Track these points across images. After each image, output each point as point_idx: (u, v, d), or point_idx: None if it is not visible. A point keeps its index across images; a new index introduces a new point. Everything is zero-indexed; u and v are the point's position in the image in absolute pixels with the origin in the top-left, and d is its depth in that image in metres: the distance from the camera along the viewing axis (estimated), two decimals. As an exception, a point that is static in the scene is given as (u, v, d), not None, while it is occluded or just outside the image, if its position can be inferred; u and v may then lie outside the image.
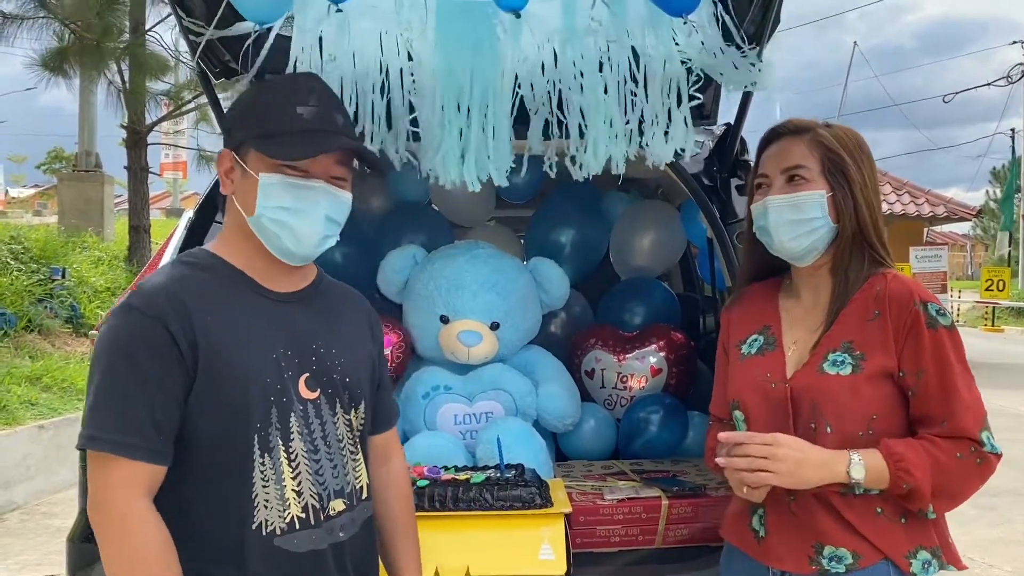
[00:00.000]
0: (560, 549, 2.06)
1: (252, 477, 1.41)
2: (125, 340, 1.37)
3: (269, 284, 1.51)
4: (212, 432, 1.39)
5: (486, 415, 2.66)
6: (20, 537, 4.80)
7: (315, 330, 1.53)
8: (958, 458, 1.52)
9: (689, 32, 2.16)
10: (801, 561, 1.60)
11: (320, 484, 1.48)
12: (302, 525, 1.45)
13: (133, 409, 1.34)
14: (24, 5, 8.98)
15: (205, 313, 1.40)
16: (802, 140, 1.69)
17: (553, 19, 2.22)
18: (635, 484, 2.46)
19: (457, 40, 2.22)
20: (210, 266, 1.49)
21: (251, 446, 1.41)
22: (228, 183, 1.52)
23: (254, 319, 1.46)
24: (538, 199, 3.64)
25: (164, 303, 1.38)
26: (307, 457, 1.46)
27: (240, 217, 1.49)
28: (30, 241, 8.73)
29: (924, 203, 18.71)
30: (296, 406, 1.46)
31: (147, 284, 1.44)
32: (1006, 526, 5.22)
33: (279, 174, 1.46)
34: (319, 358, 1.51)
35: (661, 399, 2.93)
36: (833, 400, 1.58)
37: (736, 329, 1.82)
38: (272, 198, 1.46)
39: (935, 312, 1.57)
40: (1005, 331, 19.08)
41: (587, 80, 2.19)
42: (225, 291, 1.46)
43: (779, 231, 1.67)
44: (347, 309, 1.66)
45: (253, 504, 1.41)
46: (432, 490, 2.13)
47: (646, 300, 3.38)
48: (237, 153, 1.50)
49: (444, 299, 2.73)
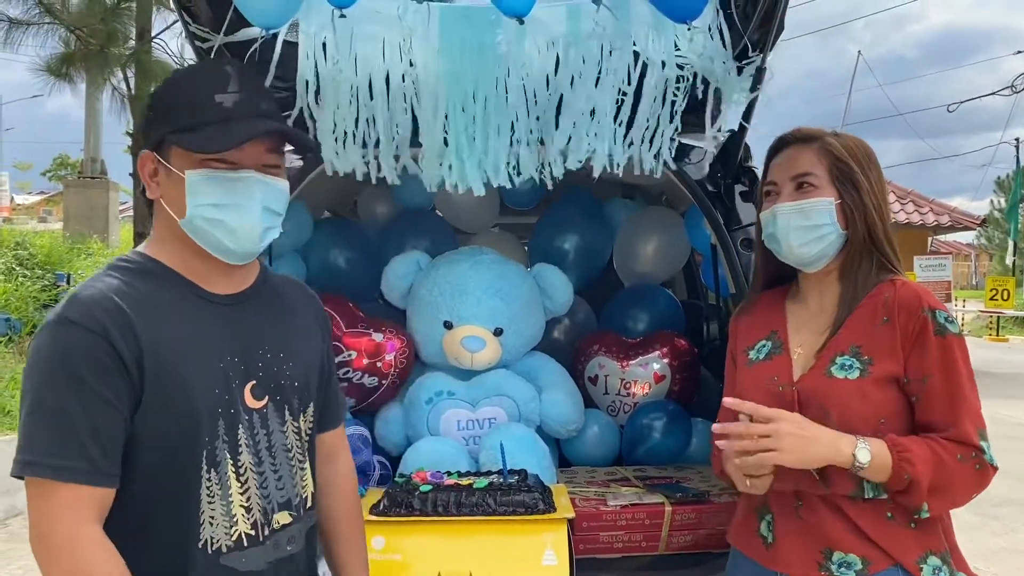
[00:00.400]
0: (563, 555, 2.06)
1: (199, 494, 1.34)
2: (63, 356, 1.26)
3: (210, 286, 1.43)
4: (159, 449, 1.32)
5: (489, 421, 2.66)
6: (23, 542, 4.80)
7: (261, 333, 1.46)
8: (959, 460, 1.53)
9: (691, 38, 2.17)
10: (810, 567, 1.60)
11: (265, 498, 1.42)
12: (250, 542, 1.39)
13: (74, 429, 1.24)
14: (30, 11, 9.03)
15: (149, 323, 1.31)
16: (810, 148, 1.70)
17: (557, 24, 2.24)
18: (638, 490, 2.46)
19: (460, 45, 2.23)
20: (148, 271, 1.40)
21: (199, 461, 1.34)
22: (154, 187, 1.42)
23: (199, 326, 1.38)
24: (542, 206, 3.64)
25: (104, 315, 1.28)
26: (255, 470, 1.40)
27: (171, 220, 1.40)
28: (35, 247, 8.77)
29: (928, 212, 18.70)
30: (243, 417, 1.39)
31: (83, 294, 1.32)
32: (1010, 535, 5.21)
33: (206, 169, 1.37)
34: (265, 364, 1.44)
35: (664, 406, 2.92)
36: (840, 403, 1.58)
37: (744, 337, 1.83)
38: (202, 196, 1.37)
39: (943, 319, 1.58)
40: (1010, 341, 19.04)
41: (585, 82, 2.20)
42: (166, 298, 1.37)
43: (788, 238, 1.69)
44: (294, 306, 1.58)
45: (199, 521, 1.34)
46: (435, 495, 2.13)
47: (650, 307, 3.37)
48: (158, 153, 1.40)
49: (448, 305, 2.73)
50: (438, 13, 2.22)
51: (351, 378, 2.72)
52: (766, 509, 1.68)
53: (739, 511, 1.81)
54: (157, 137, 1.40)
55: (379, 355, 2.73)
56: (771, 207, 1.72)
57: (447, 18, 2.24)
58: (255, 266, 1.54)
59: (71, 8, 9.29)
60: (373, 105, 2.26)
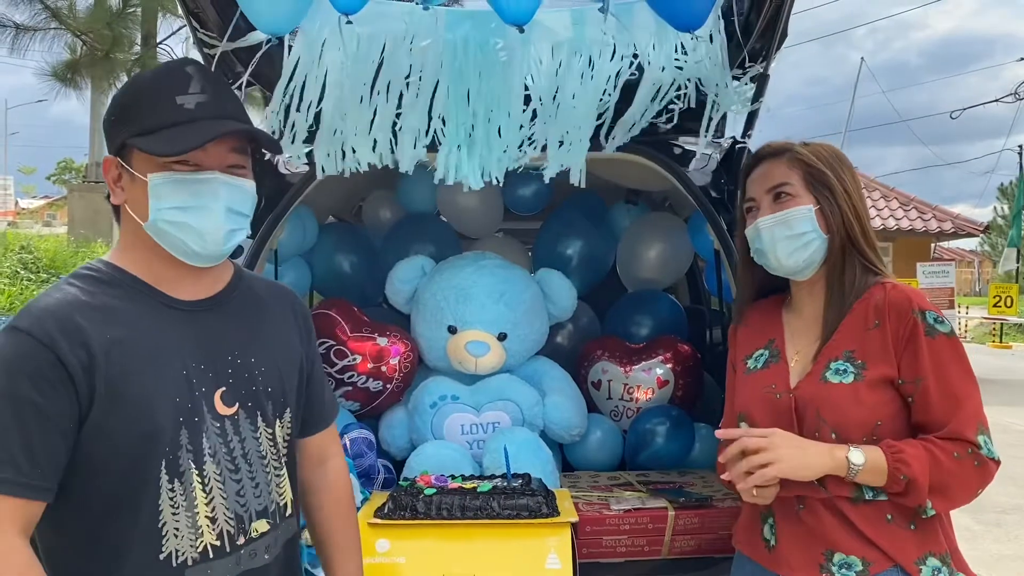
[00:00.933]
0: (566, 558, 2.07)
1: (159, 505, 1.31)
2: (6, 366, 1.24)
3: (177, 293, 1.41)
4: (114, 460, 1.28)
5: (493, 425, 2.67)
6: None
7: (231, 338, 1.44)
8: (955, 457, 1.54)
9: (695, 47, 2.19)
10: (811, 569, 1.61)
11: (241, 506, 1.39)
12: (216, 554, 1.36)
13: (7, 441, 1.22)
14: (36, 16, 9.07)
15: (104, 333, 1.29)
16: (781, 160, 1.75)
17: (562, 30, 2.25)
18: (641, 495, 2.46)
19: (464, 49, 2.25)
20: (110, 279, 1.38)
21: (157, 472, 1.30)
22: (118, 192, 1.39)
23: (160, 334, 1.35)
24: (546, 211, 3.65)
25: (53, 325, 1.26)
26: (227, 478, 1.37)
27: (136, 226, 1.38)
28: (40, 251, 8.80)
29: (931, 219, 18.69)
30: (211, 424, 1.36)
31: (38, 303, 1.30)
32: (1013, 543, 5.20)
33: (168, 171, 1.34)
34: (236, 369, 1.42)
35: (667, 411, 2.93)
36: (835, 408, 1.60)
37: (743, 346, 1.86)
38: (165, 199, 1.35)
39: (933, 320, 1.60)
40: (1013, 348, 19.00)
41: (588, 88, 2.21)
42: (127, 306, 1.35)
43: (774, 249, 1.72)
44: (269, 308, 1.55)
45: (161, 533, 1.31)
46: (439, 499, 2.14)
47: (653, 312, 3.38)
48: (120, 157, 1.38)
49: (452, 309, 2.74)
50: (444, 16, 2.24)
51: (356, 382, 2.73)
52: (769, 512, 1.70)
53: (743, 514, 1.83)
54: (119, 141, 1.38)
55: (383, 359, 2.75)
56: (753, 223, 1.75)
57: (452, 21, 2.26)
58: (227, 269, 1.52)
59: (77, 13, 9.33)
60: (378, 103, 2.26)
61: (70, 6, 9.09)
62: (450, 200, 3.35)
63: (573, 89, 2.23)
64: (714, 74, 2.20)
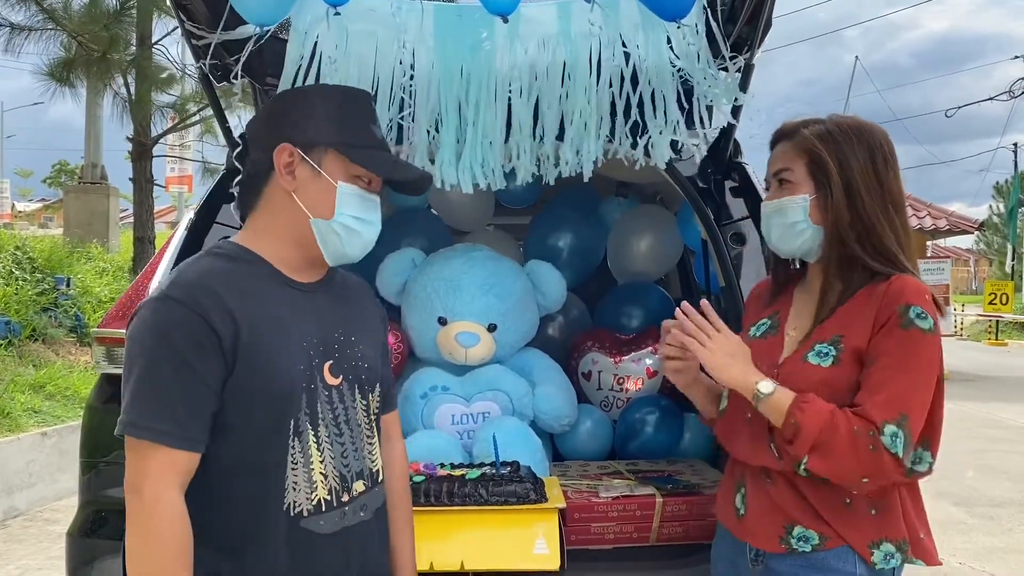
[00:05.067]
0: (554, 544, 2.08)
1: (285, 461, 1.45)
2: (164, 330, 1.39)
3: (295, 276, 1.56)
4: (248, 420, 1.43)
5: (483, 415, 2.68)
6: (22, 543, 4.82)
7: (336, 318, 1.59)
8: (854, 431, 1.51)
9: (684, 36, 2.20)
10: (772, 540, 1.65)
11: (344, 466, 1.54)
12: (327, 507, 1.50)
13: (171, 398, 1.37)
14: (32, 17, 9.06)
15: (243, 305, 1.43)
16: (789, 143, 1.72)
17: (548, 23, 2.27)
18: (630, 482, 2.48)
19: (454, 44, 2.26)
20: (240, 258, 1.52)
21: (287, 432, 1.45)
22: (289, 179, 1.51)
23: (286, 310, 1.50)
24: (537, 205, 3.67)
25: (202, 295, 1.40)
26: (334, 440, 1.52)
27: (295, 213, 1.52)
28: (35, 251, 8.77)
29: (926, 216, 18.71)
30: (322, 392, 1.51)
31: (183, 276, 1.46)
32: (1006, 535, 5.22)
33: (355, 185, 1.53)
34: (340, 346, 1.56)
35: (657, 401, 2.95)
36: (805, 388, 1.59)
37: (753, 312, 1.90)
38: (349, 207, 1.52)
39: (915, 315, 1.56)
40: (1009, 345, 19.04)
41: (576, 83, 2.23)
42: (257, 283, 1.50)
43: (770, 234, 1.76)
44: (360, 298, 1.72)
45: (284, 487, 1.45)
46: (427, 485, 2.15)
47: (643, 304, 3.40)
48: (308, 153, 1.51)
49: (442, 301, 2.76)
50: (432, 11, 2.26)
51: (346, 373, 2.74)
52: (742, 483, 1.73)
53: (722, 484, 1.86)
54: (314, 138, 1.51)
55: (374, 351, 2.76)
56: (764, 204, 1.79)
57: (440, 17, 2.28)
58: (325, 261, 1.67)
59: (73, 14, 9.32)
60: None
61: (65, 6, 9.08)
62: (441, 194, 3.36)
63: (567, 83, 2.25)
64: (702, 63, 2.21)
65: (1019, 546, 5.02)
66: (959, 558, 4.71)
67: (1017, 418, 9.50)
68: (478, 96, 2.29)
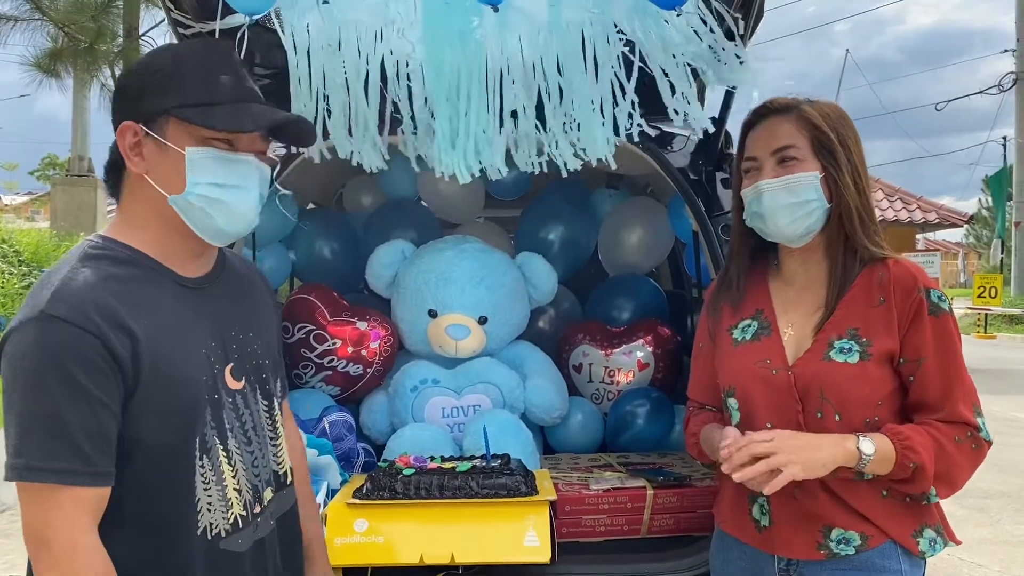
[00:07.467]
0: (545, 536, 2.07)
1: (194, 482, 1.33)
2: (52, 353, 1.20)
3: (183, 271, 1.41)
4: (152, 441, 1.29)
5: (474, 408, 2.67)
6: (9, 537, 4.79)
7: (230, 314, 1.46)
8: (956, 442, 1.52)
9: (688, 22, 2.17)
10: (809, 548, 1.59)
11: (256, 476, 1.43)
12: (243, 523, 1.40)
13: (69, 430, 1.20)
14: (19, 7, 8.99)
15: (138, 317, 1.28)
16: (788, 119, 1.64)
17: (539, 12, 2.24)
18: (621, 475, 2.47)
19: (444, 33, 2.24)
20: (128, 259, 1.35)
21: (192, 450, 1.32)
22: (137, 160, 1.35)
23: (182, 315, 1.36)
24: (528, 196, 3.66)
25: (93, 311, 1.23)
26: (243, 450, 1.41)
27: (152, 199, 1.36)
28: (22, 244, 8.72)
29: (916, 209, 18.80)
30: (226, 400, 1.39)
31: (67, 288, 1.25)
32: (994, 527, 5.24)
33: (209, 147, 1.34)
34: (239, 344, 1.45)
35: (648, 393, 2.94)
36: (840, 388, 1.56)
37: (727, 315, 1.76)
38: (203, 173, 1.34)
39: (937, 298, 1.56)
40: (997, 337, 19.14)
41: (573, 71, 2.21)
42: (150, 288, 1.34)
43: (775, 216, 1.62)
44: (251, 282, 1.59)
45: (196, 509, 1.33)
46: (418, 479, 2.14)
47: (633, 296, 3.39)
48: (148, 126, 1.34)
49: (432, 293, 2.74)
50: (421, 2, 2.23)
51: (336, 366, 2.73)
52: (759, 494, 1.62)
53: (726, 494, 1.77)
54: (151, 109, 1.34)
55: (364, 343, 2.74)
56: (754, 184, 1.64)
57: (430, 5, 2.25)
58: (214, 247, 1.50)
59: (60, 5, 9.25)
60: (358, 92, 2.26)
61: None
62: (431, 186, 3.35)
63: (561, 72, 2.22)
64: (704, 50, 2.18)
65: (1007, 537, 5.04)
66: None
67: (1006, 411, 9.56)
68: (470, 86, 2.26)
